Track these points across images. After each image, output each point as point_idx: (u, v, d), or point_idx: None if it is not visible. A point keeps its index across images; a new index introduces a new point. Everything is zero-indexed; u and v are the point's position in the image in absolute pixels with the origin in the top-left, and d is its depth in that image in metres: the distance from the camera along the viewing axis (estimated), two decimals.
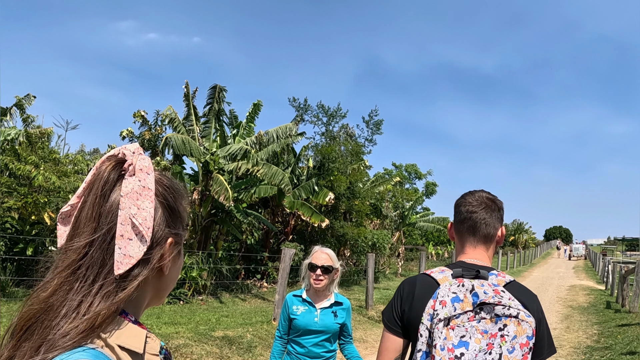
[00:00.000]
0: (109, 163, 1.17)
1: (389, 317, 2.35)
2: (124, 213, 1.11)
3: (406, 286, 2.36)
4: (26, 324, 1.06)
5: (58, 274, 1.09)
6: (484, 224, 2.40)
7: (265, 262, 20.83)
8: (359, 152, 27.24)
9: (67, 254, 1.11)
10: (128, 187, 1.13)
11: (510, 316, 1.97)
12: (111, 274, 1.10)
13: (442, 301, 2.05)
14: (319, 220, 20.60)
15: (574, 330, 14.64)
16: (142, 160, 1.17)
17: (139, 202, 1.13)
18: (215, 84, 18.35)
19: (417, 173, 47.83)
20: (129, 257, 1.11)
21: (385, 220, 31.21)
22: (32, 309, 1.07)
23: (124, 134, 19.31)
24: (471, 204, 2.46)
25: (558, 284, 30.39)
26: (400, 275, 31.95)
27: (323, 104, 32.21)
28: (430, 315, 2.07)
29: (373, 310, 15.63)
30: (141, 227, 1.12)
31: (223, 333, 10.50)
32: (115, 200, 1.14)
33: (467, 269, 2.22)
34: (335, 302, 4.34)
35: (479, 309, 1.99)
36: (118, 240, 1.10)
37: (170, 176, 1.30)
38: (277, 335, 4.41)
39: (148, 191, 1.15)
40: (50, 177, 12.55)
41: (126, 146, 1.20)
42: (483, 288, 2.05)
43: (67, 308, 1.06)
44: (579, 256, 68.35)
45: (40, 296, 1.08)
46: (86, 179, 1.18)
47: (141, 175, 1.15)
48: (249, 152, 17.11)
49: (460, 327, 1.98)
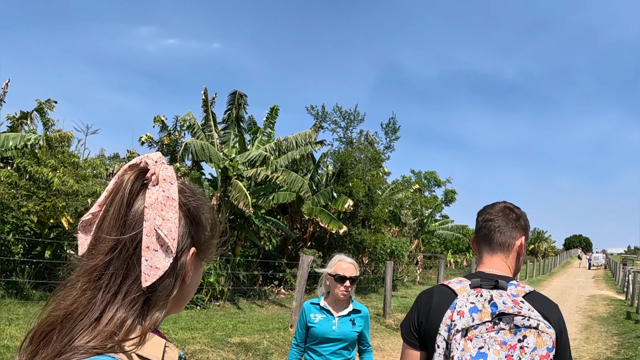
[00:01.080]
0: (132, 172, 1.16)
1: (407, 331, 2.33)
2: (148, 224, 1.11)
3: (423, 297, 2.33)
4: (46, 330, 1.06)
5: (80, 282, 1.09)
6: (498, 232, 2.37)
7: (283, 268, 20.83)
8: (377, 158, 27.16)
9: (89, 262, 1.11)
10: (152, 197, 1.13)
11: (530, 327, 1.94)
12: (135, 285, 1.10)
13: (460, 311, 2.03)
14: (337, 227, 20.56)
15: (593, 341, 14.48)
16: (165, 170, 1.17)
17: (163, 213, 1.12)
18: (235, 90, 18.38)
19: (436, 180, 47.50)
20: (155, 269, 1.11)
21: (404, 228, 31.07)
22: (52, 316, 1.07)
23: (143, 139, 19.40)
24: (489, 213, 2.44)
25: (578, 293, 30.11)
26: (418, 283, 31.81)
27: (340, 107, 32.18)
28: (448, 326, 2.04)
29: (391, 319, 15.57)
30: (166, 238, 1.11)
31: (239, 339, 10.50)
32: (138, 210, 1.13)
33: (485, 279, 2.19)
34: (354, 309, 4.33)
35: (498, 319, 1.96)
36: (144, 252, 1.10)
37: (192, 185, 1.30)
38: (294, 343, 4.40)
39: (172, 201, 1.14)
40: (68, 181, 12.62)
41: (148, 155, 1.20)
42: (502, 298, 2.02)
43: (88, 317, 1.05)
44: (599, 265, 67.64)
45: (61, 304, 1.08)
46: (108, 187, 1.17)
47: (165, 185, 1.15)
48: (268, 158, 17.12)
49: (479, 338, 1.96)
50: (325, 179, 23.73)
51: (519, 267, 2.46)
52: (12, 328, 9.16)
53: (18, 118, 17.58)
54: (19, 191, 12.96)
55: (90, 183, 13.09)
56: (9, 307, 10.96)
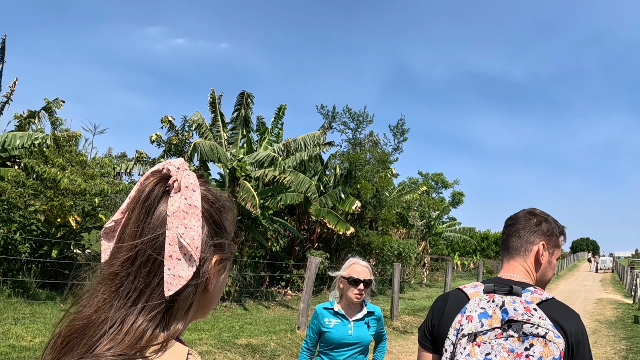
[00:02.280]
0: (153, 179, 1.15)
1: (421, 333, 2.33)
2: (171, 233, 1.09)
3: (439, 301, 2.33)
4: (67, 338, 1.06)
5: (102, 290, 1.08)
6: (515, 237, 2.34)
7: (290, 269, 20.80)
8: (385, 160, 27.13)
9: (109, 270, 1.10)
10: (174, 205, 1.11)
11: (537, 335, 1.90)
12: (156, 293, 1.09)
13: (469, 316, 2.01)
14: (345, 229, 20.53)
15: (601, 345, 14.38)
16: (187, 177, 1.15)
17: (186, 221, 1.11)
18: (243, 91, 18.40)
19: (443, 182, 47.54)
20: (178, 278, 1.09)
21: (411, 230, 31.06)
22: (74, 324, 1.07)
23: (153, 138, 19.43)
24: (511, 218, 2.43)
25: (585, 297, 29.98)
26: (425, 285, 31.78)
27: (350, 108, 32.13)
28: (457, 330, 2.03)
29: (398, 321, 15.51)
30: (189, 247, 1.10)
31: (246, 341, 10.46)
32: (159, 217, 1.12)
33: (500, 284, 2.15)
34: (368, 312, 4.28)
35: (507, 326, 1.93)
36: (167, 261, 1.09)
37: (215, 189, 1.27)
38: (304, 347, 4.34)
39: (195, 209, 1.13)
40: (76, 180, 12.62)
41: (171, 161, 1.18)
42: (514, 305, 1.98)
43: (109, 325, 1.04)
44: (606, 269, 67.47)
45: (83, 312, 1.07)
46: (130, 194, 1.17)
47: (187, 192, 1.13)
48: (276, 159, 17.10)
49: (487, 344, 1.93)
50: (333, 180, 23.72)
51: (545, 274, 2.41)
52: (18, 327, 9.15)
53: (26, 117, 17.64)
54: (27, 190, 12.97)
55: (97, 182, 13.09)
56: (15, 307, 10.96)
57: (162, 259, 1.09)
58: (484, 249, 56.45)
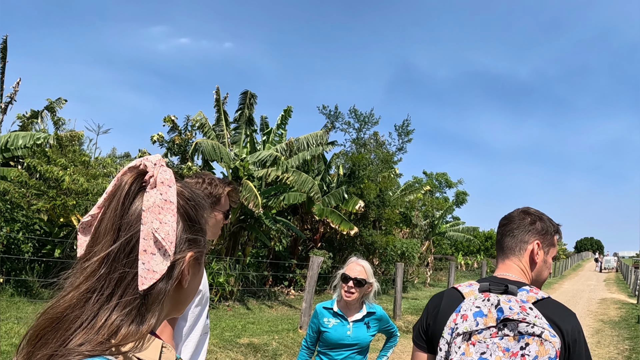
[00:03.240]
0: (130, 174, 1.16)
1: (416, 333, 2.34)
2: (146, 228, 1.10)
3: (434, 300, 2.33)
4: (41, 332, 1.06)
5: (77, 285, 1.09)
6: (509, 236, 2.35)
7: (293, 269, 20.80)
8: (389, 160, 27.09)
9: (85, 265, 1.10)
10: (149, 200, 1.12)
11: (533, 335, 1.90)
12: (130, 288, 1.09)
13: (464, 315, 2.01)
14: (348, 228, 20.52)
15: (604, 345, 14.34)
16: (163, 173, 1.16)
17: (161, 216, 1.12)
18: (246, 90, 18.40)
19: (447, 182, 47.41)
20: (152, 272, 1.10)
21: (414, 229, 31.00)
22: (48, 318, 1.07)
23: (154, 138, 19.43)
24: (505, 218, 2.44)
25: (589, 297, 29.88)
26: (428, 285, 31.72)
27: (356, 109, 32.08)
28: (452, 329, 2.03)
29: (401, 321, 15.49)
30: (164, 241, 1.11)
31: (248, 340, 10.46)
32: (135, 212, 1.13)
33: (495, 283, 2.16)
34: (368, 313, 4.25)
35: (503, 325, 1.93)
36: (141, 255, 1.10)
37: (191, 187, 1.28)
38: (304, 345, 4.35)
39: (170, 205, 1.14)
40: (79, 179, 12.63)
41: (147, 157, 1.19)
42: (509, 304, 1.98)
43: (82, 319, 1.05)
44: (610, 269, 67.28)
45: (58, 305, 1.08)
46: (107, 189, 1.18)
47: (162, 188, 1.14)
48: (278, 158, 17.11)
49: (482, 343, 1.93)
50: (337, 180, 23.70)
51: (540, 273, 2.42)
52: (21, 326, 9.16)
53: (29, 117, 17.66)
54: (29, 190, 12.99)
55: (100, 181, 13.11)
56: (18, 306, 10.98)
57: (136, 254, 1.10)
58: (487, 249, 56.31)
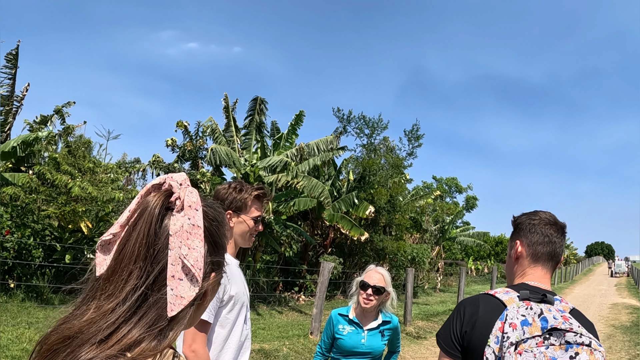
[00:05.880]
0: (157, 196, 1.14)
1: (447, 340, 2.23)
2: (174, 253, 1.09)
3: (468, 307, 2.23)
4: (55, 347, 1.05)
5: (96, 303, 1.07)
6: (560, 251, 2.34)
7: (303, 274, 20.75)
8: (399, 165, 27.04)
9: (108, 286, 1.08)
10: (177, 224, 1.10)
11: (582, 344, 1.88)
12: (155, 310, 1.08)
13: (512, 324, 1.96)
14: (359, 234, 20.48)
15: (616, 350, 14.22)
16: (190, 195, 1.14)
17: (189, 242, 1.10)
18: (256, 96, 18.41)
19: (457, 187, 47.39)
20: (180, 298, 1.09)
21: (425, 235, 30.94)
22: (63, 334, 1.05)
23: (168, 142, 19.50)
24: (552, 227, 2.36)
25: (600, 301, 29.71)
26: (439, 290, 31.63)
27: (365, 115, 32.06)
28: (498, 338, 1.98)
29: (411, 326, 15.44)
30: (193, 268, 1.09)
31: (259, 346, 10.43)
32: (162, 237, 1.11)
33: (533, 291, 2.12)
34: (383, 321, 4.24)
35: (549, 334, 1.90)
36: (169, 281, 1.09)
37: (213, 204, 1.26)
38: (318, 351, 4.34)
39: (198, 229, 1.12)
40: (87, 188, 12.68)
41: (172, 176, 1.17)
42: (551, 313, 1.96)
43: (97, 335, 1.03)
44: (622, 273, 66.97)
45: (74, 322, 1.06)
46: (130, 206, 1.15)
47: (190, 212, 1.12)
48: (289, 164, 17.09)
49: (528, 353, 1.89)
50: (347, 185, 23.67)
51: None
52: (32, 331, 9.19)
53: (38, 122, 17.71)
54: (40, 196, 13.04)
55: (109, 189, 13.14)
56: (28, 311, 11.00)
57: (164, 279, 1.09)
58: (498, 254, 56.13)
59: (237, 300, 3.00)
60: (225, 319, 2.96)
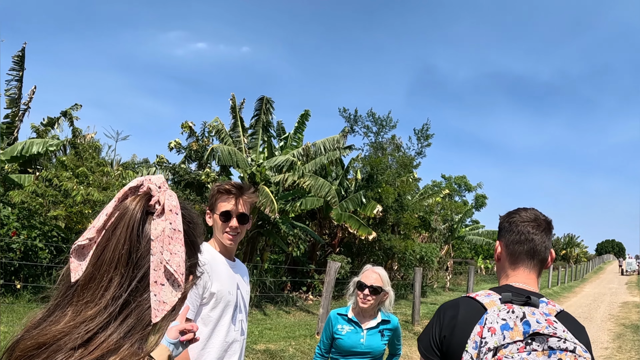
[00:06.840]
0: (136, 199, 1.11)
1: (426, 345, 2.17)
2: (155, 258, 1.07)
3: (448, 310, 2.17)
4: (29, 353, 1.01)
5: (74, 309, 1.04)
6: (543, 248, 2.23)
7: (311, 274, 20.73)
8: (408, 164, 26.97)
9: (85, 292, 1.05)
10: (158, 229, 1.09)
11: (566, 350, 1.81)
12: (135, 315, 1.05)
13: (491, 328, 1.89)
14: (367, 233, 20.45)
15: (626, 350, 14.10)
16: (170, 199, 1.12)
17: (171, 247, 1.09)
18: (263, 96, 18.42)
19: (466, 185, 47.29)
20: (163, 304, 1.08)
21: (433, 233, 30.85)
22: (37, 341, 1.01)
23: (172, 145, 19.51)
24: (529, 224, 2.26)
25: (610, 300, 29.52)
26: (448, 289, 31.54)
27: (374, 112, 32.00)
28: (477, 343, 1.91)
29: (419, 326, 15.38)
30: (176, 274, 1.08)
31: (265, 346, 10.42)
32: (143, 241, 1.09)
33: (516, 294, 2.05)
34: (382, 320, 4.20)
35: (531, 339, 1.83)
36: (152, 287, 1.07)
37: (186, 205, 1.23)
38: (318, 352, 4.31)
39: (179, 234, 1.11)
40: (93, 193, 12.74)
41: (150, 179, 1.14)
42: (535, 317, 1.89)
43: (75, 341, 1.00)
44: (632, 271, 66.56)
45: (50, 329, 1.02)
46: (107, 209, 1.12)
47: (171, 216, 1.11)
48: (295, 163, 17.06)
49: (509, 358, 1.82)
50: (355, 184, 23.63)
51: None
52: None
53: (45, 124, 17.78)
54: (46, 199, 13.09)
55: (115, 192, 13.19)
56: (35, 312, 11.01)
57: (146, 284, 1.07)
58: None
59: (220, 299, 3.00)
60: (208, 316, 2.97)
